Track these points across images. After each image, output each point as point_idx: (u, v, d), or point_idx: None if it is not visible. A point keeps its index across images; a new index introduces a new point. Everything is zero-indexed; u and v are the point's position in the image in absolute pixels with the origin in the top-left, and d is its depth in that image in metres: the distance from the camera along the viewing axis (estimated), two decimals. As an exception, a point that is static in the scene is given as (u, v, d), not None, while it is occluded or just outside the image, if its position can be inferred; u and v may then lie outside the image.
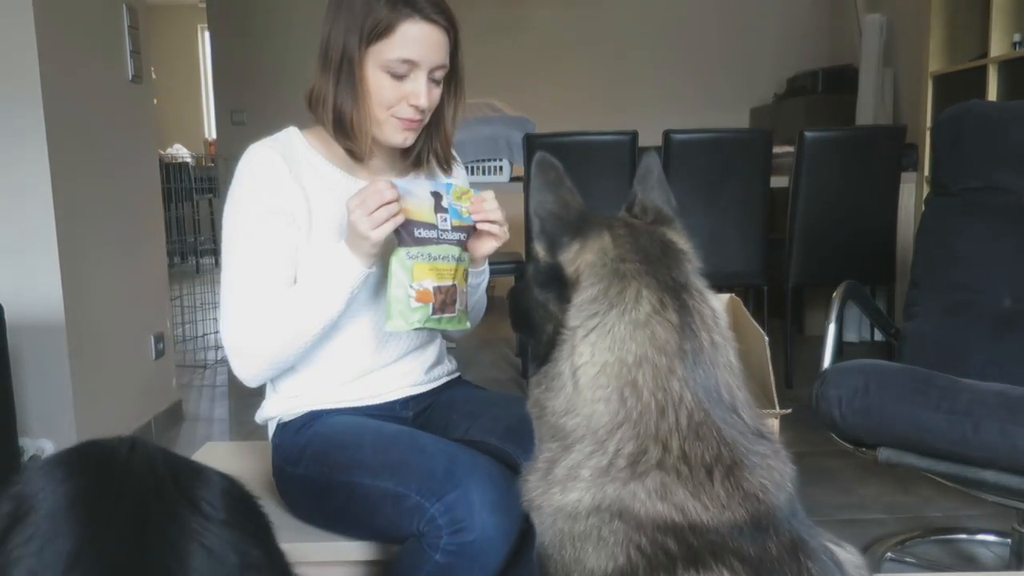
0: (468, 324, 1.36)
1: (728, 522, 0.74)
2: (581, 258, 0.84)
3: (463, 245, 1.31)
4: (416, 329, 1.28)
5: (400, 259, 1.25)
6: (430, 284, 1.26)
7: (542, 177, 0.88)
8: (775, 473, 0.78)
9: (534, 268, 0.89)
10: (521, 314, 0.96)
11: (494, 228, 1.33)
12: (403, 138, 1.36)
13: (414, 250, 1.25)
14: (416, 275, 1.25)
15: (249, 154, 1.36)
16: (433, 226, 1.27)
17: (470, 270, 1.38)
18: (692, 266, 0.87)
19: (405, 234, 1.25)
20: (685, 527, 0.74)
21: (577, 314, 0.82)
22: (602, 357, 0.79)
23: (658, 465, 0.76)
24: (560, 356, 0.82)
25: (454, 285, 1.29)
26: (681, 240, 0.90)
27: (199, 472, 0.82)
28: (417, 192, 1.28)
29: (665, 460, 0.76)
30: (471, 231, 1.32)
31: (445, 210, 1.29)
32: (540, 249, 0.87)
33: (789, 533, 0.75)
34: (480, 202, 1.32)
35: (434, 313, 1.27)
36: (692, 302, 0.82)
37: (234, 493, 0.84)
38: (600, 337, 0.80)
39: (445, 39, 1.31)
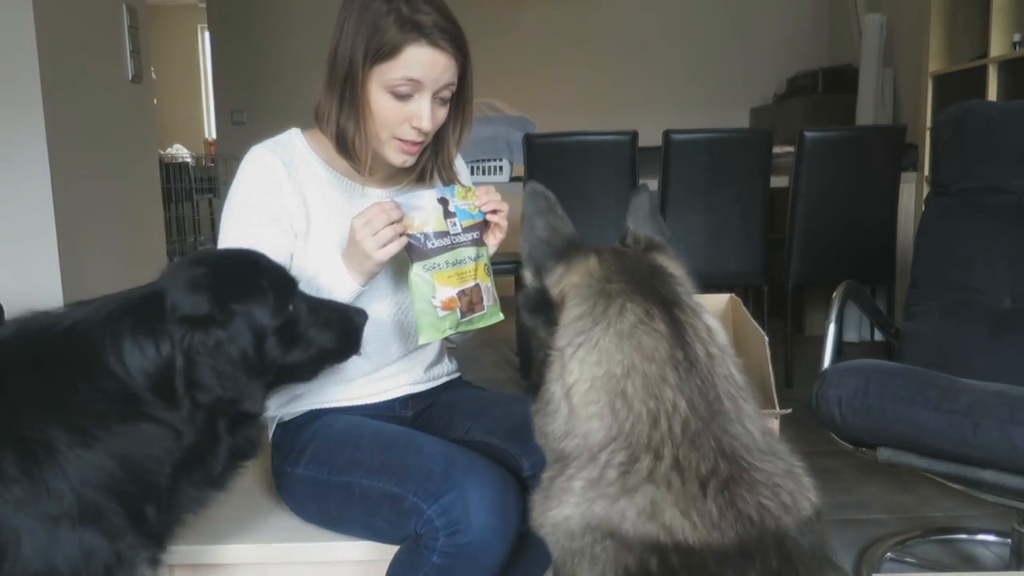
0: (501, 315, 1.36)
1: (715, 545, 0.70)
2: (566, 280, 0.84)
3: (478, 242, 1.32)
4: (450, 335, 1.30)
5: (418, 274, 1.26)
6: (453, 290, 1.27)
7: (532, 205, 0.89)
8: (783, 494, 0.74)
9: (523, 295, 0.90)
10: (527, 356, 0.98)
11: (501, 219, 1.34)
12: (403, 160, 1.36)
13: (429, 262, 1.26)
14: (438, 285, 1.27)
15: (250, 157, 1.36)
16: (445, 233, 1.28)
17: None
18: (683, 288, 0.86)
19: (417, 249, 1.26)
20: (670, 547, 0.71)
21: (564, 334, 0.81)
22: (591, 372, 0.78)
23: (649, 477, 0.74)
24: (552, 378, 0.82)
25: (477, 284, 1.30)
26: (672, 265, 0.88)
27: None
28: (422, 204, 1.28)
29: (656, 470, 0.74)
30: (483, 227, 1.33)
31: (454, 214, 1.29)
32: (528, 274, 0.88)
33: (779, 567, 0.70)
34: (486, 193, 1.33)
35: (463, 317, 1.29)
36: (684, 316, 0.80)
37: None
38: (587, 352, 0.79)
39: (452, 64, 1.29)
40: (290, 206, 1.34)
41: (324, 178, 1.39)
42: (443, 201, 1.29)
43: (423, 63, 1.26)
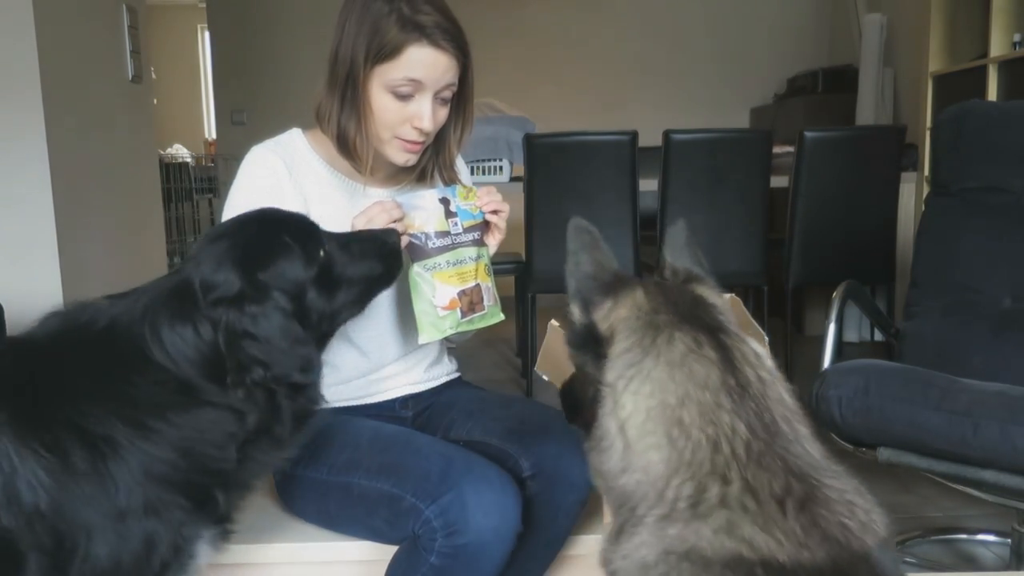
0: (502, 315, 1.36)
1: (808, 564, 0.67)
2: (614, 314, 0.83)
3: (479, 242, 1.32)
4: (450, 335, 1.30)
5: (418, 273, 1.26)
6: (454, 290, 1.27)
7: (577, 240, 0.89)
8: (858, 512, 0.72)
9: (570, 331, 0.89)
10: (571, 399, 0.97)
11: (500, 220, 1.34)
12: (405, 159, 1.36)
13: (430, 261, 1.26)
14: (438, 285, 1.26)
15: (250, 157, 1.36)
16: (446, 232, 1.28)
17: None
18: (726, 317, 0.85)
19: (418, 249, 1.26)
20: (756, 563, 0.68)
21: (614, 367, 0.80)
22: (644, 403, 0.77)
23: (721, 503, 0.71)
24: (604, 413, 0.80)
25: (478, 284, 1.30)
26: (713, 295, 0.88)
27: None
28: (424, 204, 1.28)
29: (728, 495, 0.71)
30: (483, 227, 1.33)
31: (455, 214, 1.29)
32: (575, 310, 0.87)
33: None
34: (487, 194, 1.33)
35: (464, 317, 1.29)
36: (731, 342, 0.80)
37: None
38: (640, 384, 0.78)
39: (454, 64, 1.29)
40: (291, 206, 1.34)
41: (325, 178, 1.39)
42: (444, 201, 1.29)
43: (424, 63, 1.26)
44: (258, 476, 1.13)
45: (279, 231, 1.12)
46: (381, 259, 1.20)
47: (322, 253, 1.13)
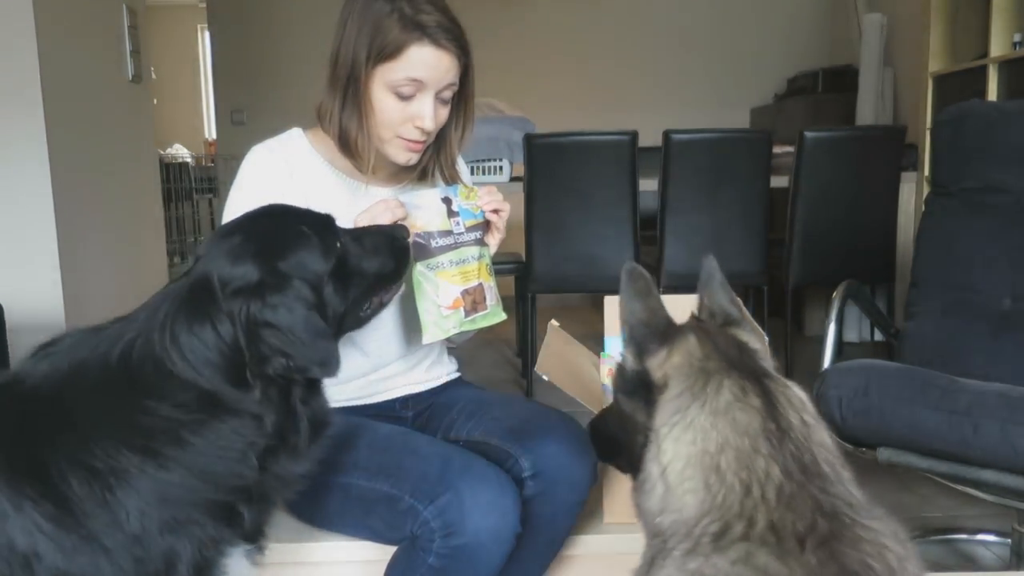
0: (504, 315, 1.36)
1: None
2: (669, 362, 0.85)
3: (480, 242, 1.32)
4: (452, 335, 1.30)
5: (422, 273, 1.26)
6: (457, 290, 1.28)
7: (632, 286, 0.89)
8: (889, 556, 0.72)
9: (620, 378, 0.91)
10: (606, 439, 0.98)
11: (501, 220, 1.34)
12: (407, 158, 1.36)
13: (433, 260, 1.26)
14: (442, 284, 1.27)
15: (251, 156, 1.36)
16: (449, 232, 1.28)
17: None
18: (768, 363, 0.88)
19: (421, 248, 1.26)
20: None
21: (661, 414, 0.83)
22: (685, 450, 0.79)
23: (742, 538, 0.74)
24: (649, 458, 0.83)
25: (480, 284, 1.30)
26: (753, 340, 0.90)
27: None
28: (426, 204, 1.28)
29: (750, 533, 0.74)
30: (484, 227, 1.33)
31: (457, 213, 1.29)
32: (629, 356, 0.88)
33: None
34: (488, 194, 1.33)
35: (467, 316, 1.29)
36: (775, 387, 0.82)
37: None
38: (683, 432, 0.80)
39: (455, 64, 1.29)
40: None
41: (327, 177, 1.39)
42: (446, 201, 1.29)
43: (426, 63, 1.26)
44: (280, 492, 1.10)
45: (295, 222, 1.10)
46: (392, 254, 1.19)
47: (339, 244, 1.11)
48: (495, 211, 1.33)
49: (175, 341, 0.99)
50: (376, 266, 1.16)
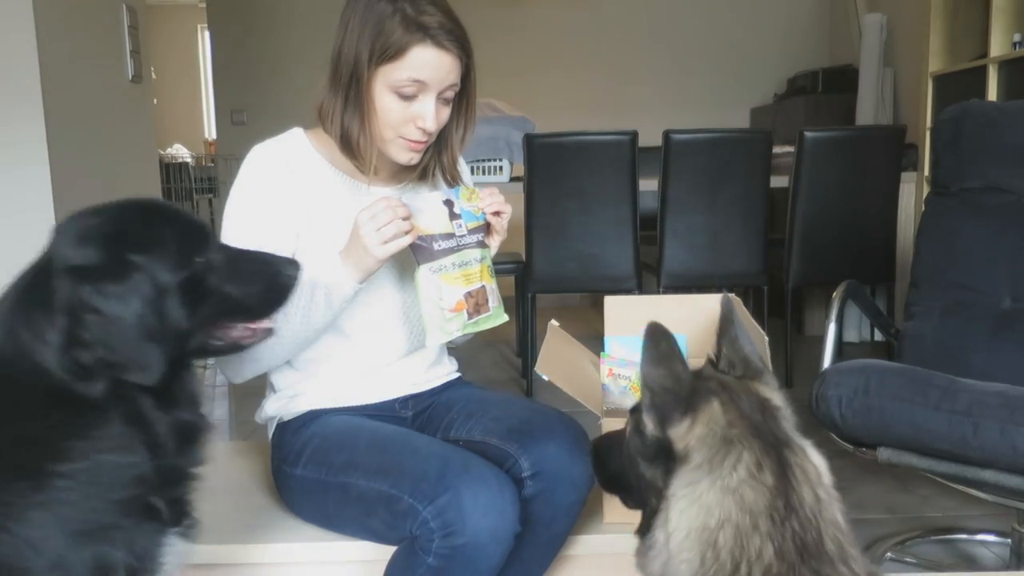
0: (506, 316, 1.36)
1: None
2: (692, 433, 0.83)
3: (482, 244, 1.32)
4: (457, 337, 1.29)
5: (425, 276, 1.26)
6: (460, 292, 1.28)
7: (655, 349, 0.85)
8: None
9: (640, 442, 0.88)
10: (613, 476, 0.97)
11: (503, 221, 1.34)
12: (409, 158, 1.36)
13: (436, 263, 1.26)
14: (445, 287, 1.27)
15: (252, 156, 1.36)
16: (451, 235, 1.28)
17: None
18: (789, 423, 0.86)
19: (424, 251, 1.26)
20: None
21: (676, 483, 0.82)
22: (688, 523, 0.79)
23: None
24: (658, 524, 0.83)
25: (483, 286, 1.31)
26: (775, 396, 0.88)
27: None
28: (428, 207, 1.28)
29: None
30: (485, 229, 1.33)
31: (459, 216, 1.29)
32: (649, 423, 0.86)
33: None
34: (490, 195, 1.33)
35: (470, 318, 1.29)
36: (794, 458, 0.81)
37: None
38: (690, 504, 0.80)
39: (457, 64, 1.30)
40: (292, 204, 1.34)
41: (328, 176, 1.39)
42: (448, 203, 1.29)
43: (429, 64, 1.26)
44: (185, 472, 1.04)
45: (161, 222, 1.02)
46: (268, 286, 1.10)
47: (200, 260, 1.02)
48: (496, 213, 1.33)
49: (14, 338, 0.92)
50: (241, 293, 1.06)
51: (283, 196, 1.33)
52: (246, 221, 1.33)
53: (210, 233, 1.08)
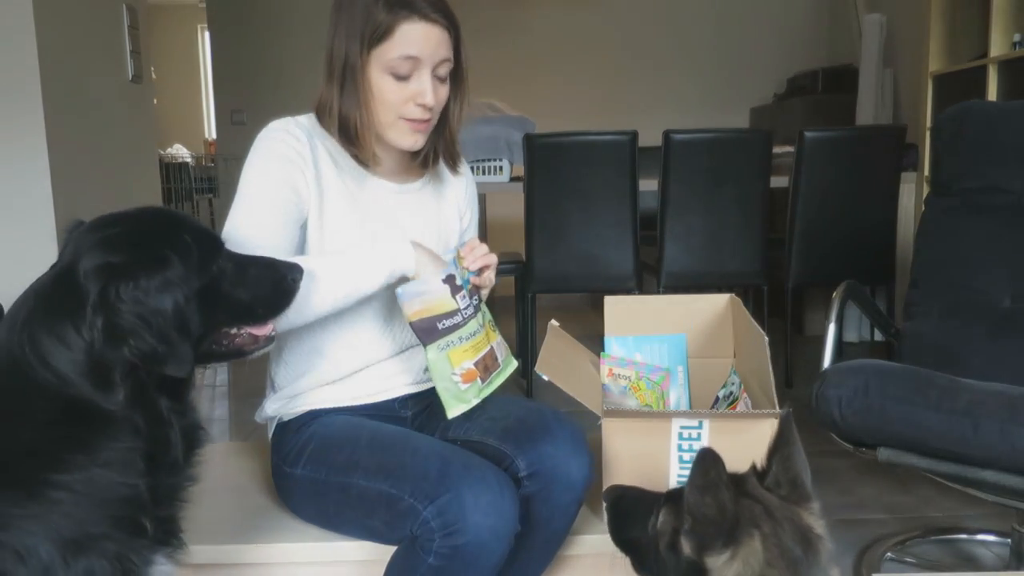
0: (515, 362, 1.41)
1: None
2: (730, 567, 0.82)
3: (479, 303, 1.34)
4: (475, 403, 1.32)
5: (434, 354, 1.27)
6: (471, 362, 1.30)
7: (703, 476, 0.83)
8: None
9: (674, 559, 0.87)
10: (630, 544, 0.99)
11: (491, 274, 1.36)
12: (413, 141, 1.36)
13: (443, 341, 1.27)
14: (455, 362, 1.29)
15: (269, 127, 1.36)
16: (456, 311, 1.28)
17: None
18: (827, 555, 0.85)
19: (431, 333, 1.26)
20: None
21: None
22: None
23: None
24: None
25: (490, 348, 1.34)
26: (818, 524, 0.87)
27: None
28: (430, 288, 1.27)
29: None
30: (477, 289, 1.35)
31: (461, 287, 1.29)
32: (687, 547, 0.85)
33: None
34: (471, 251, 1.34)
35: (483, 382, 1.32)
36: None
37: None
38: None
39: (446, 36, 1.31)
40: (306, 180, 1.33)
41: (338, 159, 1.39)
42: (450, 278, 1.28)
43: (418, 38, 1.28)
44: (177, 493, 1.05)
45: (180, 229, 1.03)
46: (273, 290, 1.13)
47: (216, 267, 1.05)
48: (482, 270, 1.34)
49: (34, 344, 0.92)
50: (248, 297, 1.09)
51: (300, 167, 1.32)
52: (254, 203, 1.31)
53: (222, 242, 1.10)
